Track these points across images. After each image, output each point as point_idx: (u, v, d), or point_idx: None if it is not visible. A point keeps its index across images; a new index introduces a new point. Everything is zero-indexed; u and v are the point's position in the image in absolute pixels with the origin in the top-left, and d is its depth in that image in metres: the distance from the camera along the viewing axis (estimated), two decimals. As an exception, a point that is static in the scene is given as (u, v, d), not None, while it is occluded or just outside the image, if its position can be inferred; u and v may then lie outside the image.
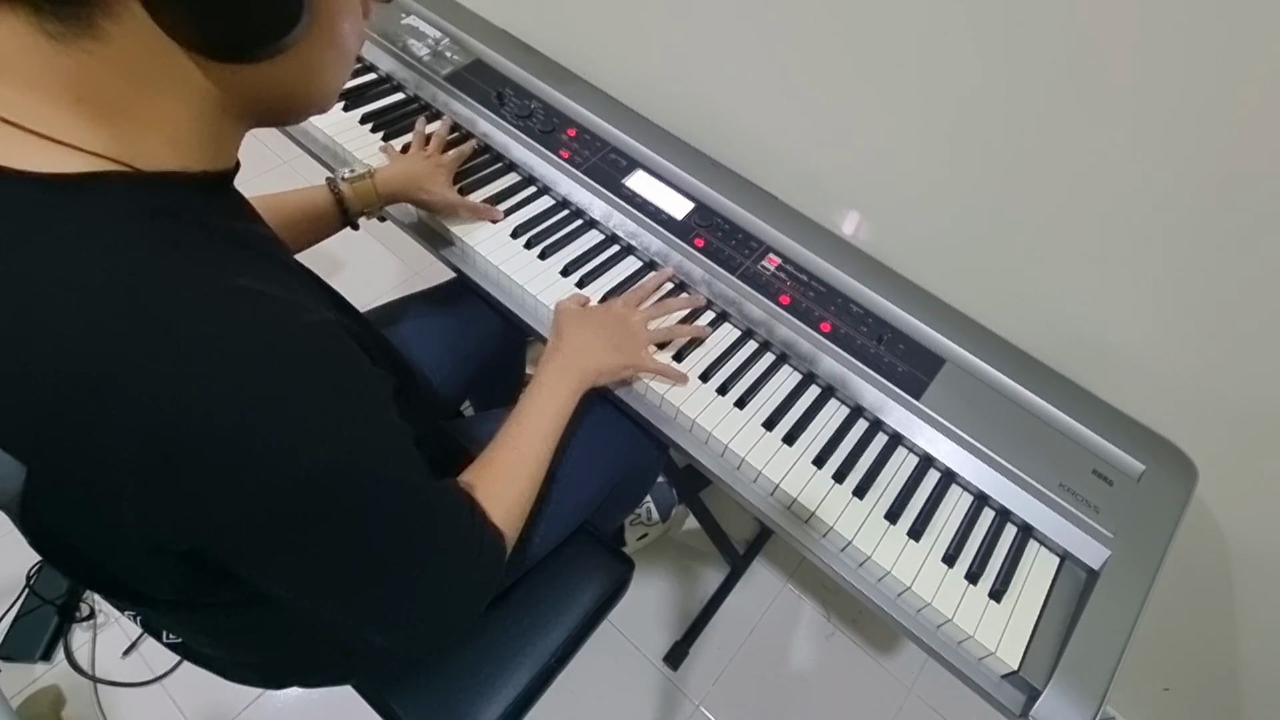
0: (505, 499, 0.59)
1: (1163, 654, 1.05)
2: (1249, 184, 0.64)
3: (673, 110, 1.02)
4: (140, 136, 0.37)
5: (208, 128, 0.39)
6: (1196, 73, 0.61)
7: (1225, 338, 0.73)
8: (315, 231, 0.80)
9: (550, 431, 0.67)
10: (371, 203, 0.83)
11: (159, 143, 0.37)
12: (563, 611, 0.81)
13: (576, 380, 0.71)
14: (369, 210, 0.84)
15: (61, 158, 0.34)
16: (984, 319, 0.85)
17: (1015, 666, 0.63)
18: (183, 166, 0.39)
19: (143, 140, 0.37)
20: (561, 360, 0.72)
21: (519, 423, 0.66)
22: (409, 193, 0.86)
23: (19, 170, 0.34)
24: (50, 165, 0.34)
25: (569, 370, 0.71)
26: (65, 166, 0.34)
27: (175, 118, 0.38)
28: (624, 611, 1.02)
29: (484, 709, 0.74)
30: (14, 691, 1.13)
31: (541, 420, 0.67)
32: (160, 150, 0.38)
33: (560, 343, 0.74)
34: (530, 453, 0.65)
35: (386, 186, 0.84)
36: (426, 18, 1.12)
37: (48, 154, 0.34)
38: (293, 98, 0.42)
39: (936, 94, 0.78)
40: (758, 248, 0.89)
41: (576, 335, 0.74)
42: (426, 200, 0.87)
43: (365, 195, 0.82)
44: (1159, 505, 0.73)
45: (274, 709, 1.16)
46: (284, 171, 1.90)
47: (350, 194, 0.81)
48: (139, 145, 0.37)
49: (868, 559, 0.68)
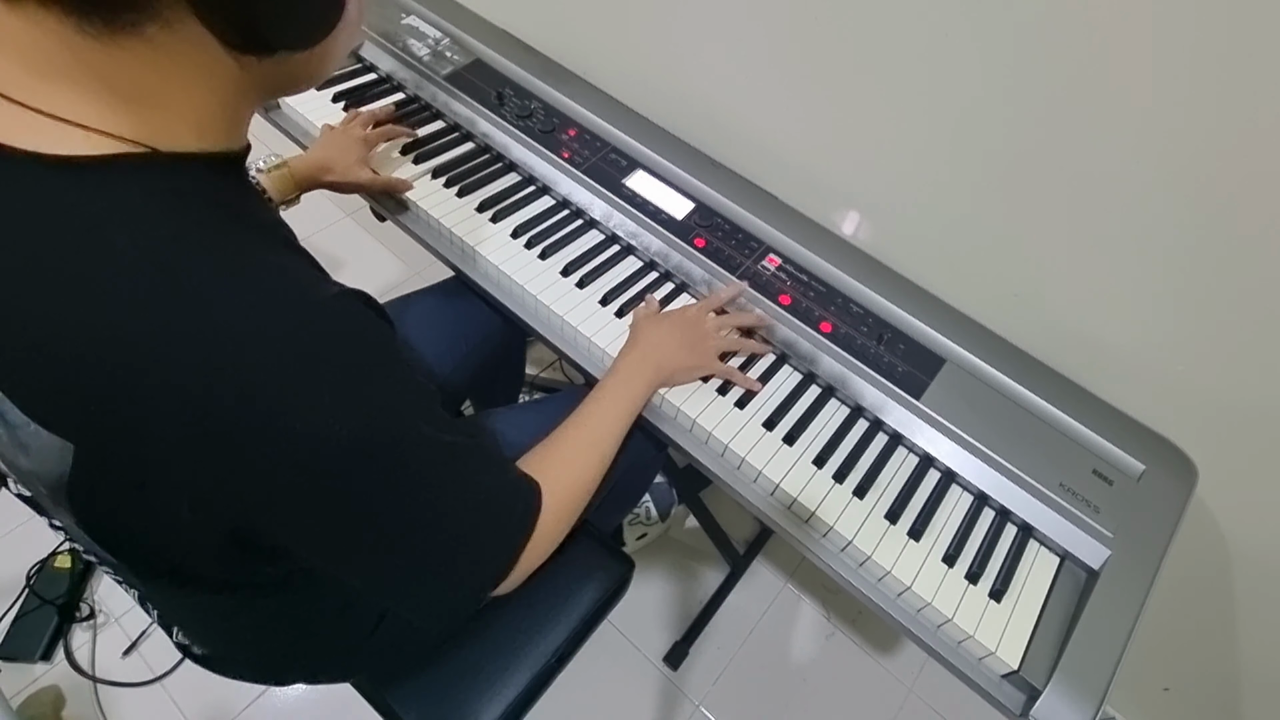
0: (566, 475, 0.60)
1: (1163, 654, 1.05)
2: (1249, 184, 0.64)
3: (673, 110, 1.02)
4: (168, 122, 0.37)
5: (230, 111, 0.41)
6: (1199, 75, 0.61)
7: (1225, 338, 0.73)
8: None
9: (622, 417, 0.69)
10: (289, 191, 0.83)
11: (185, 128, 0.38)
12: (563, 611, 0.81)
13: (653, 371, 0.73)
14: (287, 200, 0.84)
15: (86, 141, 0.35)
16: (984, 319, 0.85)
17: (1015, 666, 0.63)
18: (203, 148, 0.39)
19: (170, 125, 0.37)
20: (638, 353, 0.74)
21: (592, 404, 0.68)
22: (319, 177, 0.85)
23: (47, 154, 0.34)
24: (75, 149, 0.35)
25: (645, 362, 0.73)
26: (89, 149, 0.35)
27: (203, 104, 0.38)
28: (624, 611, 1.02)
29: (484, 709, 0.75)
30: (14, 691, 1.13)
31: (615, 405, 0.69)
32: (184, 134, 0.38)
33: (638, 338, 0.77)
34: (600, 434, 0.66)
35: (300, 174, 0.84)
36: (426, 18, 1.12)
37: (72, 139, 0.35)
38: (308, 77, 0.44)
39: (937, 94, 0.78)
40: (758, 248, 0.89)
41: (653, 333, 0.77)
42: (335, 182, 0.86)
43: (283, 184, 0.82)
44: (1159, 505, 0.73)
45: (274, 709, 1.16)
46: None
47: (269, 185, 0.81)
48: (165, 129, 0.37)
49: (868, 559, 0.68)
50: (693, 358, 0.76)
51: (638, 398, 0.71)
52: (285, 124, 1.04)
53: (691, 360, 0.76)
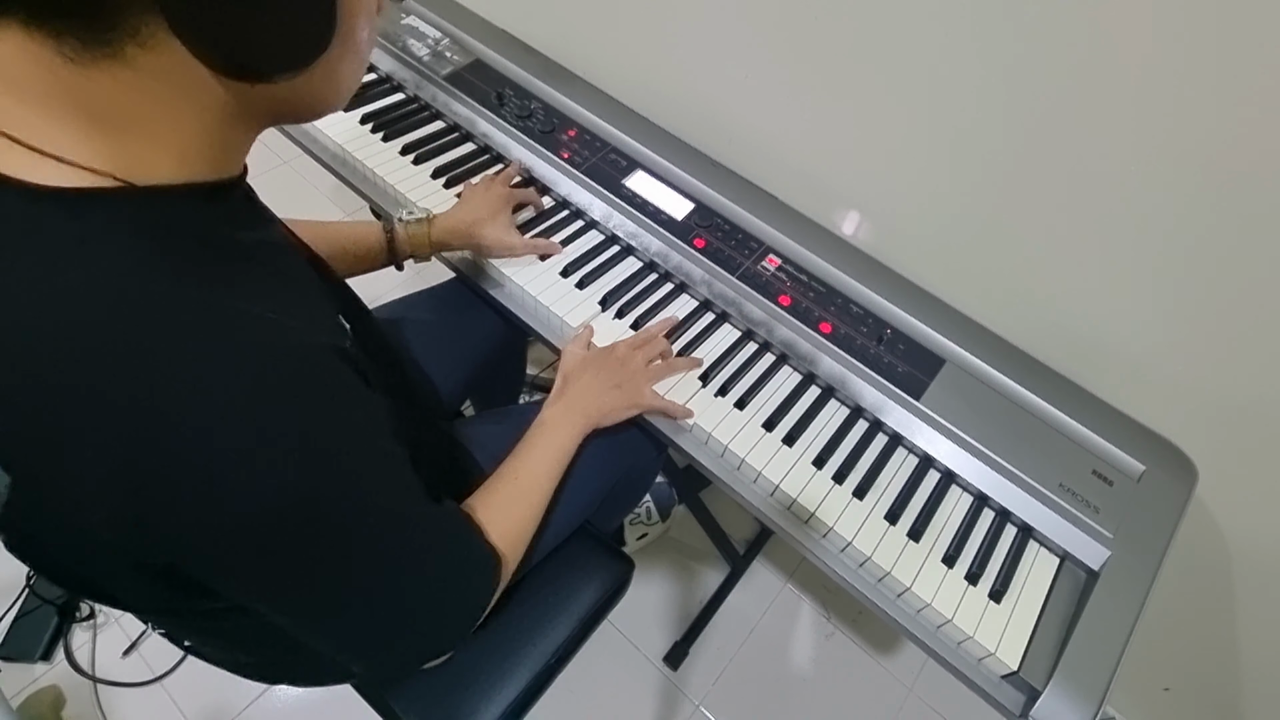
0: (502, 526, 0.60)
1: (1163, 654, 1.05)
2: (1249, 184, 0.64)
3: (673, 110, 1.02)
4: (148, 151, 0.36)
5: (219, 139, 0.39)
6: (1197, 75, 0.61)
7: (1225, 337, 0.73)
8: (357, 266, 0.81)
9: (551, 469, 0.69)
10: (423, 248, 0.84)
11: (166, 157, 0.37)
12: (563, 611, 0.81)
13: (581, 420, 0.72)
14: (418, 254, 0.84)
15: (56, 172, 0.34)
16: (984, 319, 0.85)
17: (1015, 667, 0.63)
18: (187, 178, 0.38)
19: (149, 154, 0.36)
20: (565, 403, 0.73)
21: (521, 458, 0.68)
22: (463, 241, 0.85)
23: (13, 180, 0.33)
24: (44, 178, 0.34)
25: (571, 412, 0.72)
26: (59, 180, 0.34)
27: (188, 132, 0.37)
28: (624, 611, 1.02)
29: (484, 709, 0.75)
30: (14, 691, 1.13)
31: (543, 457, 0.69)
32: (165, 164, 0.37)
33: (565, 386, 0.75)
34: (531, 485, 0.66)
35: (440, 235, 0.84)
36: (426, 18, 1.12)
37: (42, 168, 0.34)
38: (310, 105, 0.42)
39: (937, 94, 0.78)
40: (758, 248, 0.89)
41: (579, 378, 0.75)
42: (482, 246, 0.85)
43: (418, 241, 0.83)
44: (1159, 505, 0.73)
45: (274, 709, 1.16)
46: (284, 171, 1.90)
47: (404, 236, 0.82)
48: (142, 159, 0.36)
49: (868, 559, 0.68)
50: (623, 398, 0.75)
51: (565, 450, 0.71)
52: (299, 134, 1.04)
53: (621, 400, 0.75)
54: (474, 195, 0.88)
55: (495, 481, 0.65)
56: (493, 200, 0.86)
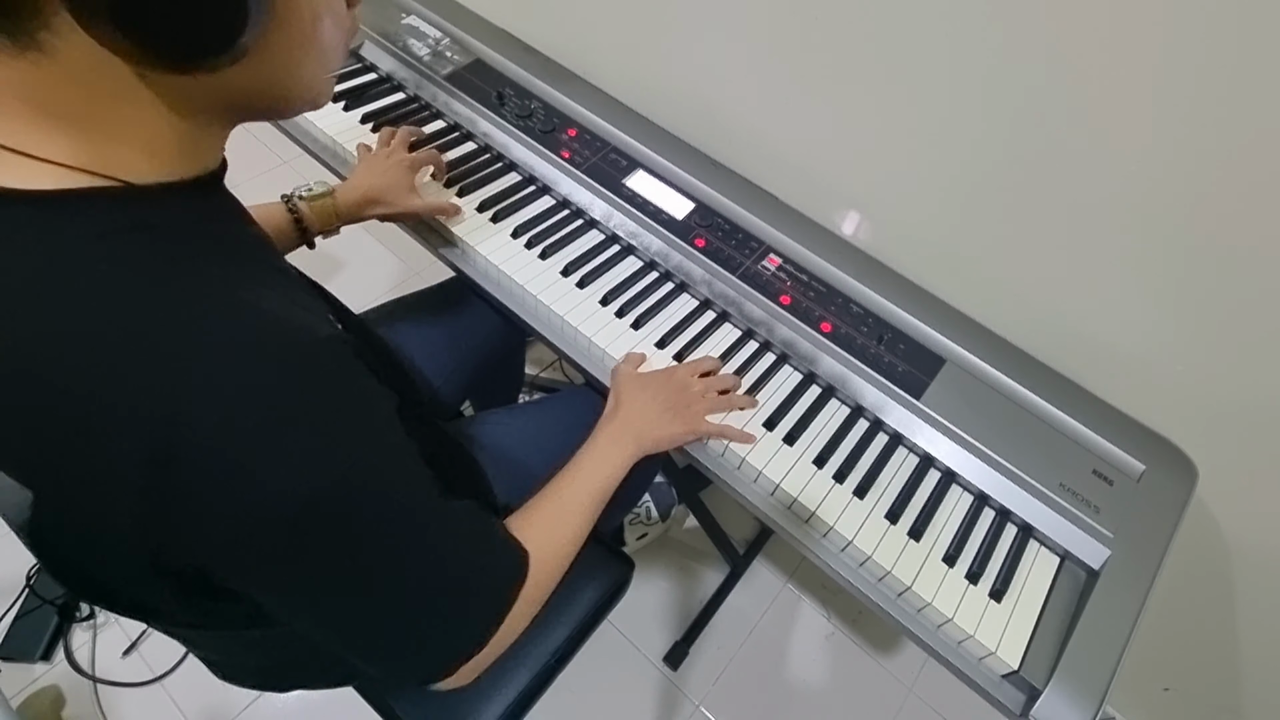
0: (541, 545, 0.56)
1: (1163, 654, 1.05)
2: (1249, 184, 0.64)
3: (673, 110, 1.02)
4: (112, 147, 0.35)
5: (183, 133, 0.38)
6: (1201, 75, 0.61)
7: (1226, 338, 0.73)
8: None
9: (599, 492, 0.65)
10: (330, 220, 0.80)
11: (133, 152, 0.36)
12: (562, 612, 0.81)
13: (633, 445, 0.69)
14: (328, 230, 0.81)
15: (37, 173, 0.33)
16: (984, 319, 0.85)
17: (1015, 666, 0.63)
18: (165, 175, 0.38)
19: (116, 150, 0.35)
20: (618, 425, 0.70)
21: (569, 478, 0.65)
22: (367, 209, 0.82)
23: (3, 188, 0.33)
24: (28, 181, 0.33)
25: (624, 435, 0.70)
26: (43, 182, 0.33)
27: (143, 125, 0.36)
28: (624, 611, 1.02)
29: (484, 709, 0.74)
30: (14, 691, 1.13)
31: (591, 480, 0.65)
32: (137, 160, 0.36)
33: (618, 407, 0.72)
34: (575, 507, 0.63)
35: (345, 207, 0.80)
36: (426, 18, 1.12)
37: (22, 169, 0.33)
38: (270, 97, 0.40)
39: (938, 95, 0.78)
40: (758, 248, 0.89)
41: (636, 398, 0.73)
42: (387, 214, 0.83)
43: (325, 214, 0.79)
44: (1159, 505, 0.73)
45: (274, 709, 1.16)
46: (284, 171, 1.90)
47: (309, 213, 0.78)
48: (115, 156, 0.35)
49: (868, 559, 0.68)
50: (679, 424, 0.72)
51: (616, 473, 0.67)
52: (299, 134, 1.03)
53: (677, 427, 0.72)
54: (375, 162, 0.86)
55: (539, 500, 0.62)
56: (393, 167, 0.85)
